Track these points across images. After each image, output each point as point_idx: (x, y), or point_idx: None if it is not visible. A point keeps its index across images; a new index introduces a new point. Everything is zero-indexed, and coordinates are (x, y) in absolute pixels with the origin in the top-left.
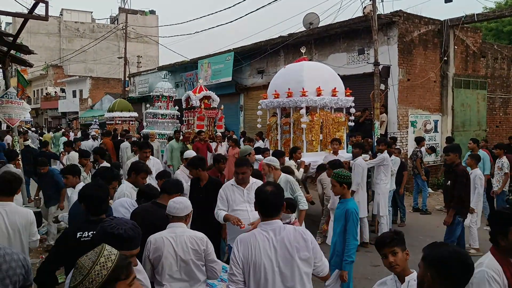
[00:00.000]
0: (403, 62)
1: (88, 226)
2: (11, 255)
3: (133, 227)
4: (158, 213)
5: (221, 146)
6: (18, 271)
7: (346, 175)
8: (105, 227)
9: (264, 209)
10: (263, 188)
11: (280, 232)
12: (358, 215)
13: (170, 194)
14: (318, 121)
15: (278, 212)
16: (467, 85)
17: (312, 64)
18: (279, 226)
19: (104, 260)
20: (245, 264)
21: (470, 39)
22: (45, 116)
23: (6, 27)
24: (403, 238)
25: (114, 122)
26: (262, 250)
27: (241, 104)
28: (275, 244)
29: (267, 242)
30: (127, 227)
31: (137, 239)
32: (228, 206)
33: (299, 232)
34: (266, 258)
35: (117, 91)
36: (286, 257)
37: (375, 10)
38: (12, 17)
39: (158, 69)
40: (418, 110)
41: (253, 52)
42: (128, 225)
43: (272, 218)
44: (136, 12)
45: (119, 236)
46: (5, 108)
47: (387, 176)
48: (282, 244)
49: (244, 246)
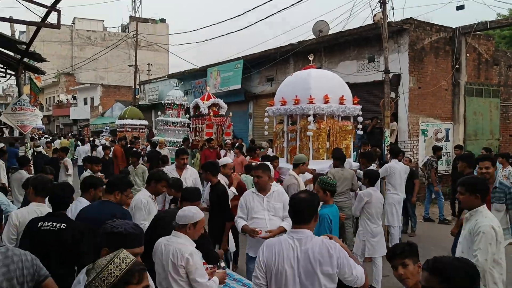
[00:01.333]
0: (414, 70)
1: (49, 218)
2: (19, 256)
3: (134, 226)
4: None
5: (230, 154)
6: (25, 271)
7: (331, 183)
8: (105, 227)
9: (295, 215)
10: (297, 195)
11: (306, 242)
12: (333, 220)
13: (192, 202)
14: (325, 129)
15: (309, 220)
16: (479, 93)
17: (320, 72)
18: (307, 236)
19: (119, 261)
20: (267, 269)
21: (483, 47)
22: (57, 123)
23: (20, 36)
24: (416, 250)
25: (124, 129)
26: (286, 258)
27: (250, 111)
28: (298, 254)
29: (291, 251)
30: (127, 226)
31: (139, 237)
32: (248, 213)
33: (326, 246)
34: (288, 267)
35: (127, 98)
36: (308, 269)
37: (385, 17)
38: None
39: (168, 77)
40: (429, 118)
41: (262, 60)
42: (129, 224)
43: (302, 226)
44: (147, 21)
45: (119, 234)
46: (18, 115)
47: (394, 185)
48: (306, 255)
49: (268, 251)
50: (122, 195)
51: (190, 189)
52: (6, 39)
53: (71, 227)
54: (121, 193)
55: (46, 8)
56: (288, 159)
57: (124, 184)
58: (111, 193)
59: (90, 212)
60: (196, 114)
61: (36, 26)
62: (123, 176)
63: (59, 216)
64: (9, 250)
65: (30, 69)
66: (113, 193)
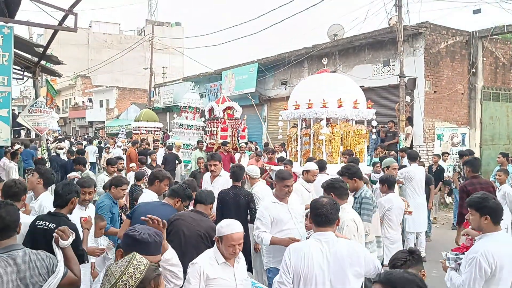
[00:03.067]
0: (430, 74)
1: (47, 218)
2: (34, 261)
3: (154, 234)
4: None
5: (244, 157)
6: (42, 271)
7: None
8: (127, 231)
9: (319, 219)
10: (319, 199)
11: (334, 244)
12: None
13: (206, 205)
14: (338, 133)
15: (332, 223)
16: (496, 97)
17: (334, 76)
18: (333, 238)
19: (133, 270)
20: (295, 274)
21: (500, 51)
22: (73, 125)
23: (37, 38)
24: (419, 257)
25: (139, 131)
26: (315, 261)
27: (264, 115)
28: (328, 257)
29: (321, 254)
30: (149, 232)
31: (157, 245)
32: (274, 226)
33: (353, 247)
34: (318, 270)
35: (142, 101)
36: (338, 271)
37: (400, 21)
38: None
39: (183, 80)
40: (445, 122)
41: (277, 63)
42: (151, 231)
43: (327, 228)
44: (163, 24)
45: (139, 241)
46: (34, 116)
47: (413, 190)
48: (336, 257)
49: (296, 256)
50: (181, 204)
51: (204, 192)
52: (24, 42)
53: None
54: (181, 202)
55: (64, 11)
56: (302, 163)
57: (187, 195)
58: (172, 198)
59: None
60: (211, 117)
61: (53, 29)
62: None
63: (55, 215)
64: (26, 255)
65: (47, 72)
66: (174, 199)
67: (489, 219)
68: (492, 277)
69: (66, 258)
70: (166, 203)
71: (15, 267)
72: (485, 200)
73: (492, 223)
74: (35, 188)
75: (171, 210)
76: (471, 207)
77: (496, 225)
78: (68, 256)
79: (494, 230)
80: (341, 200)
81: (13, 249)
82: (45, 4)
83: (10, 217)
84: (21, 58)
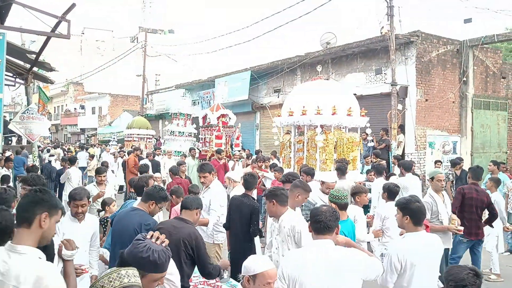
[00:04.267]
0: (421, 82)
1: None
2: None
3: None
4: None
5: (238, 165)
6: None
7: (336, 195)
8: (131, 247)
9: (319, 226)
10: (319, 207)
11: (332, 252)
12: (347, 236)
13: (191, 210)
14: (332, 140)
15: (331, 231)
16: (487, 106)
17: (328, 83)
18: (331, 245)
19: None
20: (291, 281)
21: (490, 60)
22: (65, 132)
23: (29, 45)
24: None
25: (132, 139)
26: (311, 269)
27: (257, 122)
28: (325, 264)
29: (317, 262)
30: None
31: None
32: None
33: (351, 253)
34: (314, 278)
35: (135, 108)
36: (335, 277)
37: (392, 30)
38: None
39: (176, 87)
40: (436, 130)
41: (269, 71)
42: (158, 248)
43: (326, 236)
44: (156, 31)
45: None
46: (26, 123)
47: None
48: (333, 264)
49: (292, 264)
50: (156, 206)
51: (190, 197)
52: (16, 48)
53: None
54: (156, 204)
55: (57, 18)
56: (295, 170)
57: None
58: (146, 202)
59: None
60: (205, 124)
61: (46, 36)
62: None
63: None
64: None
65: (39, 78)
66: (148, 202)
67: (409, 220)
68: (403, 272)
69: (65, 273)
70: (137, 208)
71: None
72: (409, 202)
73: (412, 223)
74: None
75: (142, 215)
76: (397, 207)
77: (416, 225)
78: (68, 271)
79: (413, 230)
80: (283, 206)
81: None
82: (38, 11)
83: (6, 222)
84: (13, 64)
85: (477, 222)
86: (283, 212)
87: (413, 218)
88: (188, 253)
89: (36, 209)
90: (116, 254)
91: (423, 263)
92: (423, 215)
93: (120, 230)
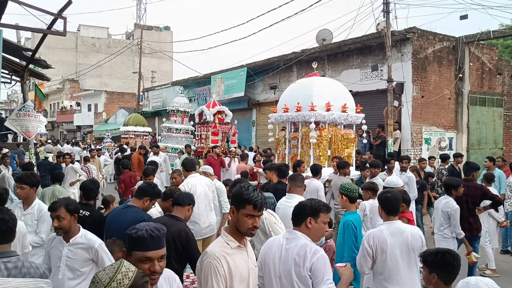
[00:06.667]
0: (417, 79)
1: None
2: (28, 269)
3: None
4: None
5: (234, 162)
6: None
7: (348, 188)
8: (128, 233)
9: (292, 218)
10: (387, 195)
11: (291, 242)
12: (357, 227)
13: (183, 206)
14: (326, 137)
15: (296, 224)
16: (482, 102)
17: (323, 80)
18: (296, 236)
19: (121, 277)
20: (262, 263)
21: (486, 56)
22: (61, 129)
23: (25, 42)
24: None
25: (128, 136)
26: (272, 253)
27: (253, 119)
28: (282, 252)
29: (278, 248)
30: (149, 228)
31: (159, 239)
32: None
33: (305, 248)
34: (271, 262)
35: (131, 105)
36: (285, 268)
37: (388, 26)
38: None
39: (172, 84)
40: (432, 127)
41: (266, 68)
42: (149, 226)
43: (295, 228)
44: (151, 28)
45: (141, 237)
46: (22, 120)
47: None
48: (286, 254)
49: (264, 248)
50: (150, 203)
51: (182, 193)
52: (12, 45)
53: None
54: (150, 200)
55: (53, 15)
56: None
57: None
58: (140, 198)
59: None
60: (201, 121)
61: (42, 33)
62: (155, 184)
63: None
64: (19, 261)
65: (35, 76)
66: (142, 198)
67: (381, 209)
68: (376, 258)
69: None
70: (131, 205)
71: (6, 271)
72: (381, 194)
73: (385, 213)
74: (30, 197)
75: (136, 211)
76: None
77: (388, 215)
78: None
79: (386, 219)
80: None
81: (7, 255)
82: (34, 8)
83: (13, 222)
84: (9, 61)
85: (468, 218)
86: None
87: (384, 208)
88: (178, 251)
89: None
90: None
91: (394, 250)
92: (392, 205)
93: (115, 228)
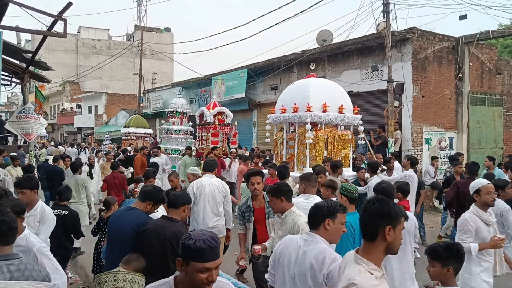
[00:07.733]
0: (417, 79)
1: None
2: (31, 271)
3: (214, 237)
4: (173, 228)
5: (235, 163)
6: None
7: (348, 189)
8: (186, 244)
9: (308, 220)
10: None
11: (309, 245)
12: (355, 228)
13: (177, 208)
14: (322, 137)
15: (313, 226)
16: (482, 102)
17: (320, 81)
18: (315, 239)
19: None
20: (276, 261)
21: (486, 56)
22: (61, 131)
23: (25, 44)
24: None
25: (129, 137)
26: (288, 253)
27: (254, 120)
28: (299, 253)
29: (295, 249)
30: (205, 238)
31: (218, 249)
32: None
33: (324, 253)
34: (286, 262)
35: (132, 107)
36: (301, 270)
37: (388, 27)
38: (31, 34)
39: (173, 86)
40: (433, 127)
41: (266, 69)
42: (205, 236)
43: (312, 230)
44: (152, 30)
45: (200, 249)
46: (22, 123)
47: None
48: (303, 256)
49: (281, 247)
50: (152, 207)
51: (175, 194)
52: (12, 47)
53: None
54: (153, 205)
55: (53, 17)
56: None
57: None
58: (143, 201)
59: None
60: (202, 122)
61: (42, 35)
62: (160, 189)
63: None
64: (22, 263)
65: (36, 78)
66: (145, 202)
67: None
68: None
69: None
70: (134, 208)
71: (8, 274)
72: (377, 185)
73: (348, 202)
74: (32, 200)
75: (138, 214)
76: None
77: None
78: None
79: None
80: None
81: (10, 258)
82: (34, 10)
83: (14, 223)
84: (9, 63)
85: None
86: (287, 209)
87: (347, 198)
88: (176, 253)
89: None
90: (113, 253)
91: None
92: (388, 194)
93: (116, 229)
